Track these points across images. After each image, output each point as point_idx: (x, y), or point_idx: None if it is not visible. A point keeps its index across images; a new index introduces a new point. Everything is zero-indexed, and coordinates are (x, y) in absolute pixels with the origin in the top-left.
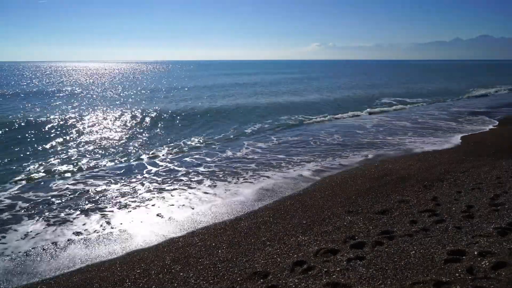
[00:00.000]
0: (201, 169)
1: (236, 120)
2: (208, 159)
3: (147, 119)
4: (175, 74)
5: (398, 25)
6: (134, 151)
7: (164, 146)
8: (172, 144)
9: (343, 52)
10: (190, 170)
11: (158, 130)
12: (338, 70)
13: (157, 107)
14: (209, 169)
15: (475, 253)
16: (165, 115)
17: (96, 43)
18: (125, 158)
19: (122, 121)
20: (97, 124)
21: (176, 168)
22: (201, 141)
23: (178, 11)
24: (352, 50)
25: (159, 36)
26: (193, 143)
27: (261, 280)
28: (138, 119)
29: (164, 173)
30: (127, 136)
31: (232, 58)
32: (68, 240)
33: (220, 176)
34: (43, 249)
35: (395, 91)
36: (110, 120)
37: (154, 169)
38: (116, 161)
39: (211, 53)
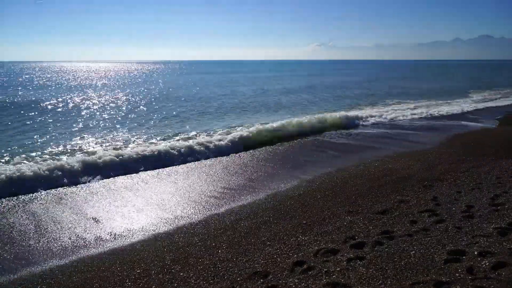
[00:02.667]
0: None
1: None
2: None
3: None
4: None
5: (398, 25)
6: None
7: None
8: None
9: (343, 52)
10: None
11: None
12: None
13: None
14: None
15: (475, 253)
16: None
17: (93, 43)
18: None
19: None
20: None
21: None
22: None
23: (178, 10)
24: (352, 50)
25: (157, 36)
26: None
27: (261, 280)
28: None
29: None
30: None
31: (231, 58)
32: None
33: None
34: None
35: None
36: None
37: None
38: None
39: (210, 53)
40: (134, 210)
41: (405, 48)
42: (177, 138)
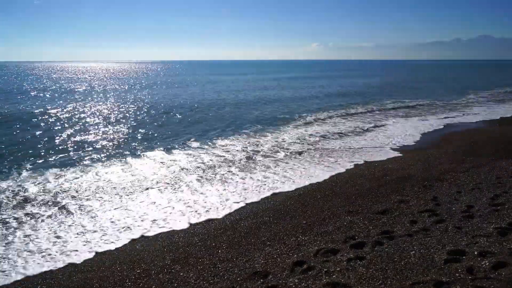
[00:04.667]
0: None
1: None
2: None
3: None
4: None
5: (398, 25)
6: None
7: None
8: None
9: (343, 52)
10: None
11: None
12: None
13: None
14: None
15: (475, 253)
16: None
17: (90, 43)
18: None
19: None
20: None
21: None
22: None
23: (177, 9)
24: (352, 50)
25: (156, 35)
26: None
27: (261, 280)
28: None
29: None
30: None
31: (231, 58)
32: None
33: None
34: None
35: None
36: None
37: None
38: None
39: (210, 53)
40: None
41: (405, 48)
42: None
